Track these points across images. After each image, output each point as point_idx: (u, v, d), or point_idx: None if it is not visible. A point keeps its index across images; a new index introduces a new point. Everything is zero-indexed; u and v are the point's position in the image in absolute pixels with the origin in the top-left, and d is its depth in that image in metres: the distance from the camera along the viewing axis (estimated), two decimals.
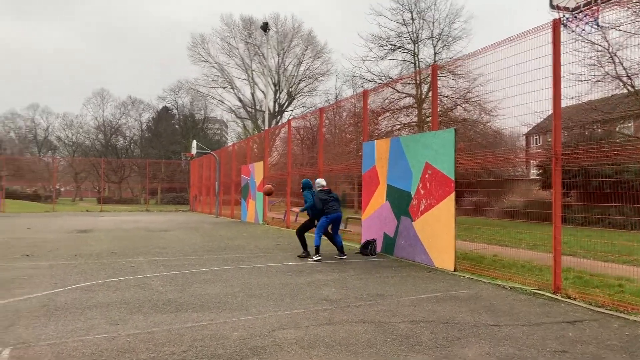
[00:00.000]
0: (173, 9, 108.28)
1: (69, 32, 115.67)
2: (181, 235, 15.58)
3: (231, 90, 57.52)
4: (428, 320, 5.59)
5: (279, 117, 57.65)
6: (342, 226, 15.93)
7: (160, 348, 4.52)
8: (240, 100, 58.02)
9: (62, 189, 65.16)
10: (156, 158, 51.39)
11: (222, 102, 58.66)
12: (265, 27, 27.01)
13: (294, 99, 58.79)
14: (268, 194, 12.41)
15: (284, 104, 58.53)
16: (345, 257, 10.35)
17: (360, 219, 12.72)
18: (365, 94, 12.77)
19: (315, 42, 57.20)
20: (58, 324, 5.28)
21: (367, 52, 53.30)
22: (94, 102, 67.52)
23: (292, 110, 58.94)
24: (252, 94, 57.24)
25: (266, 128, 27.49)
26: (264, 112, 58.76)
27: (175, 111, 65.31)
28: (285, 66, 57.21)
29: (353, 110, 18.51)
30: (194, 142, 28.88)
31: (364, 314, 5.80)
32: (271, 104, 55.91)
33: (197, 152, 28.98)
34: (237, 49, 55.69)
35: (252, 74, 56.51)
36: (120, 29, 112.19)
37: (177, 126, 63.07)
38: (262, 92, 57.82)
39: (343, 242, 10.77)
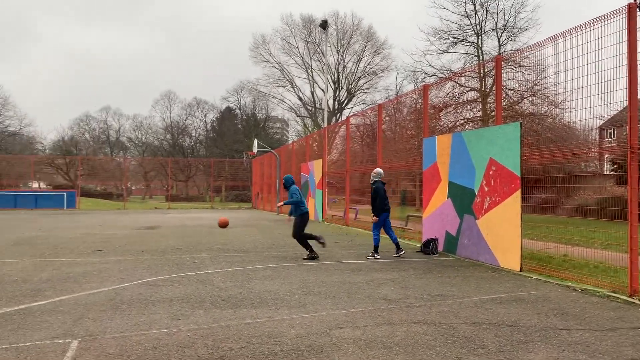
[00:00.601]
0: (236, 11, 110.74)
1: (139, 37, 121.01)
2: (242, 232, 15.87)
3: (291, 89, 58.28)
4: (492, 322, 5.35)
5: (338, 115, 57.73)
6: (402, 224, 15.69)
7: (219, 344, 4.57)
8: (300, 99, 58.66)
9: (132, 188, 68.23)
10: (220, 157, 52.76)
11: (283, 101, 59.52)
12: (324, 25, 27.04)
13: (353, 96, 58.71)
14: (223, 226, 12.88)
15: (344, 101, 58.55)
16: (403, 252, 10.18)
17: (420, 217, 12.45)
18: (425, 88, 12.47)
19: (375, 38, 56.86)
20: (123, 317, 5.47)
21: (428, 46, 52.54)
22: (161, 104, 70.34)
23: (351, 108, 58.92)
24: (312, 92, 57.69)
25: (325, 126, 27.56)
26: (323, 110, 59.19)
27: (238, 111, 66.88)
28: (345, 63, 57.24)
29: (413, 106, 18.17)
30: (255, 141, 29.37)
31: (424, 315, 5.64)
32: (331, 101, 56.14)
33: (258, 151, 29.47)
34: (297, 48, 56.29)
35: (311, 72, 56.93)
36: (184, 32, 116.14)
37: (239, 125, 64.51)
38: (322, 90, 58.15)
39: (400, 241, 10.61)
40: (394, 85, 72.89)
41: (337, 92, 57.86)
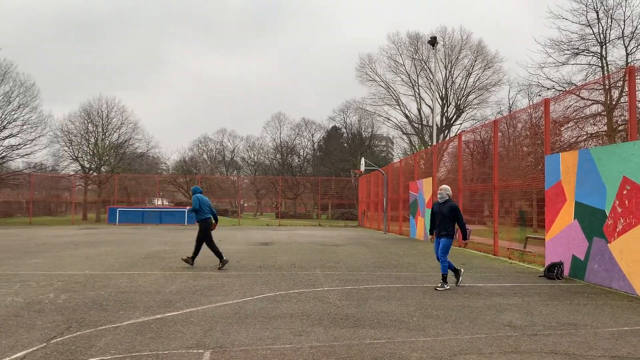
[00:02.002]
0: (342, 34, 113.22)
1: (250, 64, 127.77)
2: (352, 250, 15.95)
3: (397, 107, 58.01)
4: (635, 357, 4.86)
5: (446, 132, 56.44)
6: (520, 246, 14.85)
7: None
8: (407, 116, 58.17)
9: (245, 205, 71.58)
10: (327, 175, 53.73)
11: (389, 119, 59.40)
12: (433, 41, 26.74)
13: (462, 112, 57.12)
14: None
15: (452, 117, 57.17)
16: (447, 287, 8.83)
17: (541, 238, 11.71)
18: (547, 102, 11.82)
19: (485, 52, 55.05)
20: (248, 331, 5.71)
21: (545, 58, 49.93)
22: (272, 125, 73.42)
23: (460, 124, 57.34)
24: (419, 110, 56.99)
25: (434, 143, 27.06)
26: (430, 127, 58.23)
27: (344, 130, 67.89)
28: (453, 79, 56.01)
29: (530, 121, 17.27)
30: (362, 160, 29.57)
31: (554, 344, 5.27)
32: (438, 118, 55.07)
33: (365, 169, 29.60)
34: (404, 65, 56.09)
35: (418, 89, 56.38)
36: (295, 56, 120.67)
37: (345, 144, 65.39)
38: (429, 106, 57.33)
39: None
40: (506, 99, 70.12)
41: (445, 109, 56.68)
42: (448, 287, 8.76)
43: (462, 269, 9.38)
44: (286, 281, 9.33)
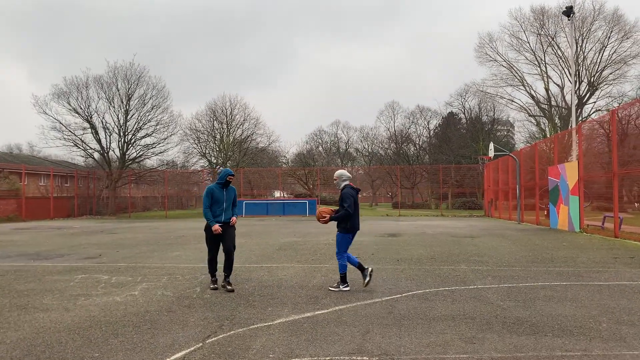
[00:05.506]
0: (455, 16, 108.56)
1: (365, 53, 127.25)
2: (491, 242, 14.72)
3: (521, 87, 54.11)
4: None
5: (578, 111, 51.57)
6: None
7: None
8: (533, 97, 54.05)
9: (359, 195, 71.54)
10: (445, 163, 51.67)
11: (512, 100, 55.61)
12: (568, 11, 24.06)
13: (596, 89, 51.85)
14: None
15: (584, 95, 52.10)
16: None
17: None
18: None
19: (623, 21, 49.32)
20: (411, 335, 5.09)
21: None
22: (386, 114, 72.51)
23: (594, 102, 52.18)
24: (546, 89, 52.67)
25: (572, 123, 24.46)
26: (559, 107, 53.55)
27: (461, 115, 64.96)
28: (585, 54, 50.91)
29: None
30: (491, 144, 27.67)
31: None
32: (569, 97, 50.45)
33: (494, 155, 27.70)
34: (528, 42, 52.10)
35: (545, 67, 52.06)
36: (408, 44, 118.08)
37: (463, 130, 62.51)
38: (557, 85, 52.80)
39: None
40: None
41: (577, 86, 51.78)
42: (346, 289, 7.41)
43: (370, 267, 7.65)
44: (432, 277, 8.58)
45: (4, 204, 34.16)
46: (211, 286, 7.60)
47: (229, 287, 7.38)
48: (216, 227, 7.47)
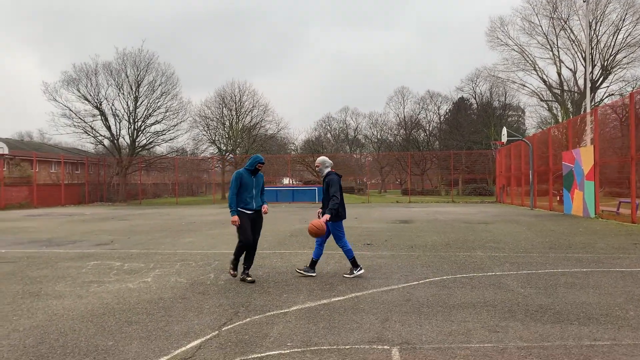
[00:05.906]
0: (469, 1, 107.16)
1: (372, 39, 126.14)
2: (506, 228, 14.52)
3: (533, 72, 53.31)
4: None
5: (592, 95, 50.79)
6: None
7: None
8: (545, 82, 53.28)
9: (368, 182, 71.40)
10: (455, 149, 51.23)
11: (524, 85, 54.86)
12: None
13: (609, 73, 51.03)
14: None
15: (597, 80, 51.28)
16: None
17: None
18: None
19: (638, 3, 48.28)
20: (432, 323, 4.94)
21: None
22: (395, 100, 71.84)
23: (607, 87, 51.43)
24: (559, 74, 51.88)
25: (587, 107, 24.04)
26: (572, 92, 52.78)
27: (472, 101, 64.26)
28: (599, 37, 50.00)
29: None
30: (504, 130, 27.31)
31: None
32: (581, 81, 49.71)
33: (507, 140, 27.35)
34: (540, 26, 51.22)
35: (558, 51, 51.23)
36: (419, 29, 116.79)
37: (473, 116, 61.87)
38: (570, 69, 51.99)
39: None
40: None
41: (590, 70, 50.94)
42: (360, 272, 7.36)
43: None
44: (448, 264, 8.43)
45: (16, 191, 34.36)
46: (236, 275, 7.21)
47: (249, 279, 7.12)
48: (235, 219, 7.08)
